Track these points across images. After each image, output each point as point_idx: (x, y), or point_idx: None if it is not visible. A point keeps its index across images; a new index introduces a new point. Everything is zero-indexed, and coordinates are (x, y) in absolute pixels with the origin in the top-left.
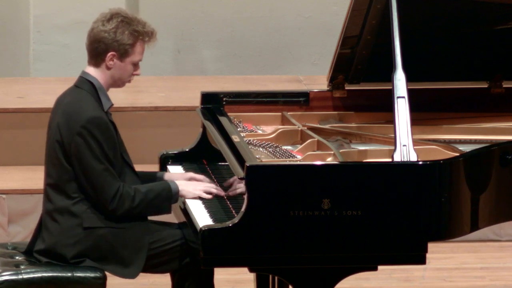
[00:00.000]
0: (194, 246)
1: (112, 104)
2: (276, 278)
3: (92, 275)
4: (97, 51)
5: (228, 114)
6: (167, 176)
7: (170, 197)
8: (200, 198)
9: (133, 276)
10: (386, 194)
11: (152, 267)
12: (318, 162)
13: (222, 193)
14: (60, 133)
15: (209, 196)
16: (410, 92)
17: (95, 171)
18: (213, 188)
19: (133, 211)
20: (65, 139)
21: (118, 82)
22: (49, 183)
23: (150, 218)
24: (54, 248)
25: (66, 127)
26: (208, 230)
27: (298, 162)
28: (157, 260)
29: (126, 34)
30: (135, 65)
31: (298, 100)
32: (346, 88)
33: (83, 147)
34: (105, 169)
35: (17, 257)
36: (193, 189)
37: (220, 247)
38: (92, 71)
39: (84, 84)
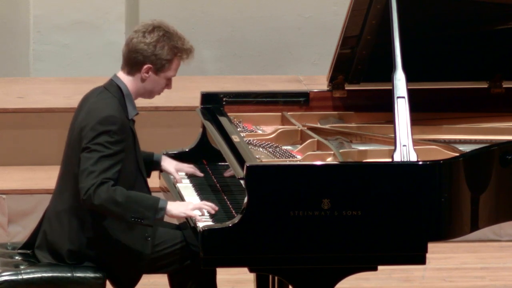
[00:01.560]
0: (195, 249)
1: (137, 113)
2: (276, 278)
3: (92, 275)
4: (134, 61)
5: (228, 114)
6: (163, 159)
7: (156, 209)
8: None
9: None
10: (386, 194)
11: (152, 270)
12: (318, 162)
13: (213, 210)
14: (81, 132)
15: (199, 218)
16: (410, 92)
17: (89, 158)
18: (204, 205)
19: (111, 207)
20: (82, 136)
21: (148, 94)
22: (63, 181)
23: None
24: (55, 248)
25: (84, 125)
26: (208, 230)
27: (298, 162)
28: (157, 263)
29: (166, 49)
30: (168, 80)
31: (298, 100)
32: (346, 88)
33: (90, 139)
34: (97, 160)
35: (17, 257)
36: (185, 209)
37: (220, 247)
38: (123, 77)
39: (112, 87)
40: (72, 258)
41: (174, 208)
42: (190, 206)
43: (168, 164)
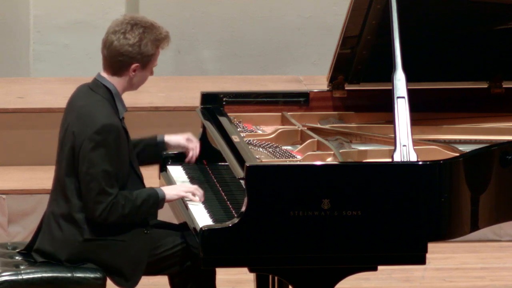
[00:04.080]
0: (195, 251)
1: (126, 110)
2: (276, 278)
3: (92, 275)
4: (121, 64)
5: (228, 114)
6: (166, 138)
7: (157, 203)
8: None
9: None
10: (386, 194)
11: (152, 273)
12: (318, 162)
13: (202, 198)
14: (75, 139)
15: (191, 197)
16: (410, 92)
17: (94, 175)
18: (196, 190)
19: (123, 220)
20: (77, 144)
21: (135, 87)
22: (57, 186)
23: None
24: (54, 253)
25: (79, 132)
26: (208, 230)
27: (298, 162)
28: (157, 266)
29: (149, 45)
30: (151, 69)
31: (298, 100)
32: (346, 88)
33: (89, 150)
34: (106, 176)
35: (17, 257)
36: (177, 192)
37: (220, 247)
38: (109, 77)
39: (100, 88)
40: (71, 262)
41: (168, 193)
42: (183, 188)
43: (175, 140)
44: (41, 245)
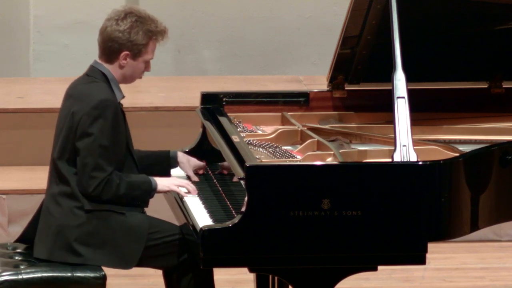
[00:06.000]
0: (190, 238)
1: (124, 96)
2: (276, 278)
3: (92, 275)
4: (111, 50)
5: (228, 114)
6: (179, 156)
7: (150, 191)
8: (198, 196)
9: (128, 266)
10: (386, 194)
11: (149, 259)
12: (318, 162)
13: (195, 192)
14: (73, 118)
15: (182, 191)
16: (410, 92)
17: (92, 150)
18: (188, 185)
19: (116, 199)
20: (75, 122)
21: (128, 79)
22: (53, 169)
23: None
24: (58, 232)
25: (78, 110)
26: (208, 230)
27: (298, 162)
28: (155, 252)
29: (141, 34)
30: (146, 63)
31: (298, 100)
32: (346, 88)
33: (87, 125)
34: (102, 152)
35: (17, 257)
36: (169, 184)
37: (220, 247)
38: (103, 64)
39: (96, 73)
40: (75, 238)
41: (160, 184)
42: (175, 182)
43: (186, 166)
44: (43, 228)
